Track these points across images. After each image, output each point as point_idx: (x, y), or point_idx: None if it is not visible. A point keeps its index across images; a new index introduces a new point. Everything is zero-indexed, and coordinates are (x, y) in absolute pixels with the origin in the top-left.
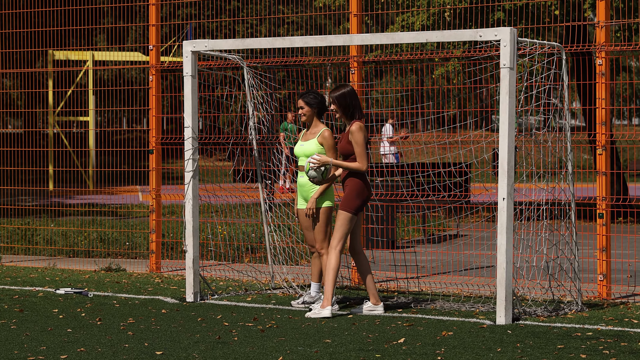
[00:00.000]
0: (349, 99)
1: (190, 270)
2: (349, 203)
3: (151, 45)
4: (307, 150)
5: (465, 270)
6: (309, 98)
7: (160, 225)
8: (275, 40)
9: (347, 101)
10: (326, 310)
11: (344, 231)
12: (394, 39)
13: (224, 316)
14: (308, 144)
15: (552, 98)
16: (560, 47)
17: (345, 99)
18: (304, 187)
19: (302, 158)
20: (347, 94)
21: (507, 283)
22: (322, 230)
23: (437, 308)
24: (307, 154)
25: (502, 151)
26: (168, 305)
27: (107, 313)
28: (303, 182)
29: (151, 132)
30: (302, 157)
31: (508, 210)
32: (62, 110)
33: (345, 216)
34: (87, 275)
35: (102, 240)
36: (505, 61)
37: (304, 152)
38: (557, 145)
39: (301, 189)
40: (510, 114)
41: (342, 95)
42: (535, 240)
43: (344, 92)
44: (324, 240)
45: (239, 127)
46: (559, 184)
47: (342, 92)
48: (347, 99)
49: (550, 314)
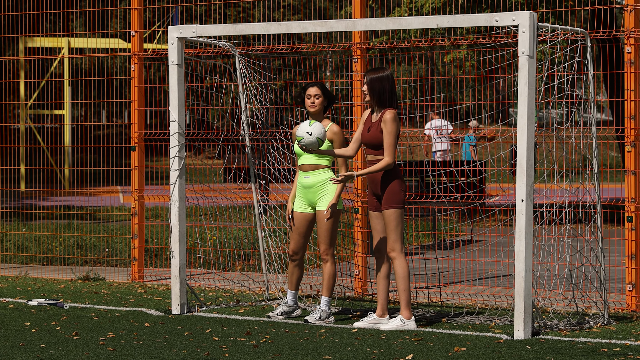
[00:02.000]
0: (387, 85)
1: (176, 280)
2: (394, 198)
3: (133, 31)
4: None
5: (480, 279)
6: (324, 87)
7: (143, 229)
8: (270, 25)
9: (384, 85)
10: (412, 322)
11: (400, 230)
12: (400, 24)
13: (214, 330)
14: None
15: (575, 89)
16: (584, 33)
17: (382, 83)
18: (309, 190)
19: (304, 156)
20: (384, 78)
21: (526, 294)
22: (328, 235)
23: (448, 321)
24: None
25: (520, 148)
26: (152, 318)
27: (84, 327)
28: (309, 184)
29: (133, 127)
30: (305, 155)
31: (527, 213)
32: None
33: (397, 213)
34: (63, 284)
35: (79, 246)
36: (524, 49)
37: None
38: (581, 141)
39: (306, 191)
40: (529, 107)
41: (379, 79)
42: (557, 247)
43: (382, 76)
44: (330, 246)
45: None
46: (583, 184)
47: (380, 75)
48: (383, 82)
49: (574, 327)
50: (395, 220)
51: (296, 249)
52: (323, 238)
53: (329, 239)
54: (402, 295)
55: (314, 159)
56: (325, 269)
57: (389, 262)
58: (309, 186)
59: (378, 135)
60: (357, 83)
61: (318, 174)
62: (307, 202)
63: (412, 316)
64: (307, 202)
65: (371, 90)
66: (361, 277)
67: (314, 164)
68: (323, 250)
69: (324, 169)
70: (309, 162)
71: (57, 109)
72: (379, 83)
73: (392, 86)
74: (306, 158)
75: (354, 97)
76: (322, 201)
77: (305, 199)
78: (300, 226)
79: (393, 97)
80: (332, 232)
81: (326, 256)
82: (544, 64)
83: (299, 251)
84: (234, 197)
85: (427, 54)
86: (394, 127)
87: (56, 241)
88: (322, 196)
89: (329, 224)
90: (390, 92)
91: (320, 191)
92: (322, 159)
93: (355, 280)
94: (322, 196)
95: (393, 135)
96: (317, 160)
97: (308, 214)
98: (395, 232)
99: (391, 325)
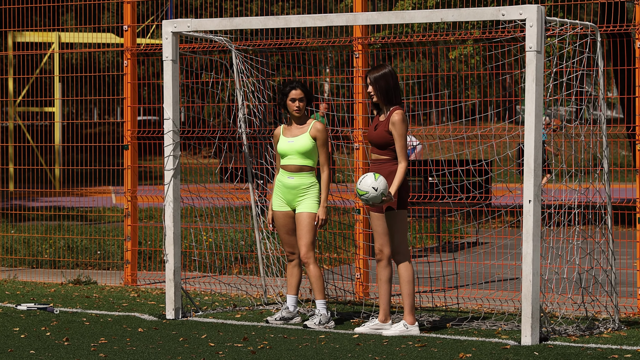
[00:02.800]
0: (391, 81)
1: (170, 283)
2: (398, 198)
3: (126, 25)
4: (299, 147)
5: (486, 283)
6: (305, 87)
7: (136, 231)
8: (268, 19)
9: (389, 83)
10: (415, 328)
11: (405, 232)
12: (404, 18)
13: (210, 335)
14: (299, 139)
15: (585, 86)
16: (594, 28)
17: (386, 80)
18: (291, 191)
19: (290, 157)
20: (388, 75)
21: (533, 298)
22: (308, 237)
23: (453, 326)
24: (300, 152)
25: (527, 147)
26: (145, 323)
27: (75, 332)
28: (293, 185)
29: (126, 125)
30: (290, 156)
31: (535, 215)
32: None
33: (402, 214)
34: (53, 288)
35: (69, 248)
36: (532, 43)
37: (296, 149)
38: (590, 139)
39: (287, 191)
40: (537, 104)
41: (384, 76)
42: (566, 249)
43: (385, 73)
44: (311, 249)
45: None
46: (593, 184)
47: (383, 72)
48: (388, 79)
49: (584, 333)
50: (400, 222)
51: (290, 247)
52: (303, 241)
53: (309, 241)
54: (406, 300)
55: (299, 160)
56: (310, 272)
57: (390, 265)
58: (291, 187)
59: (385, 135)
60: (358, 79)
61: (302, 177)
62: (286, 201)
63: (415, 322)
64: (286, 201)
65: (378, 90)
66: (362, 280)
67: (298, 165)
68: (304, 253)
69: (308, 172)
70: (294, 163)
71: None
72: (384, 81)
73: (395, 81)
74: (291, 158)
75: (355, 94)
76: (302, 204)
77: (285, 199)
78: (284, 224)
79: (397, 92)
80: (312, 234)
81: (307, 259)
82: (552, 59)
83: (294, 249)
84: (230, 197)
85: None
86: (404, 129)
87: (46, 243)
88: (302, 199)
89: (308, 226)
90: (395, 88)
91: (301, 194)
92: (307, 160)
93: (357, 283)
94: (302, 199)
95: (404, 137)
96: (302, 161)
97: (288, 212)
98: (399, 234)
99: (394, 331)
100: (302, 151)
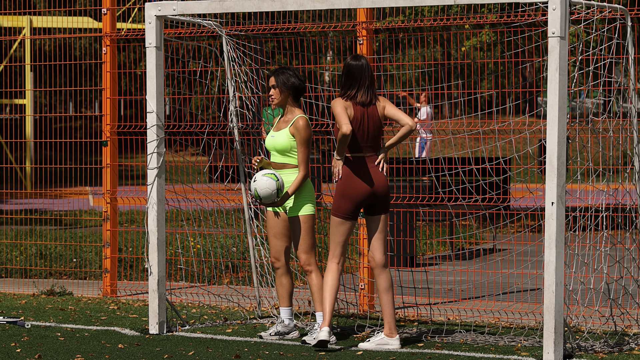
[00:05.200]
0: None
1: (154, 295)
2: (334, 204)
3: (104, 8)
4: (277, 143)
5: (504, 294)
6: (279, 75)
7: (116, 237)
8: (262, 2)
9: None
10: (395, 341)
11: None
12: (413, 1)
13: (197, 352)
14: (279, 135)
15: (613, 75)
16: (624, 11)
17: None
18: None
19: (273, 154)
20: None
21: (557, 310)
22: (307, 243)
23: (468, 342)
24: (277, 149)
25: (550, 143)
26: (126, 338)
27: (48, 348)
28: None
29: (104, 118)
30: (272, 152)
31: (558, 218)
32: None
33: (332, 221)
34: (24, 300)
35: (42, 256)
36: (555, 29)
37: (274, 146)
38: (620, 135)
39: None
40: (561, 96)
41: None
42: (593, 256)
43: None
44: (311, 255)
45: (216, 112)
46: (622, 184)
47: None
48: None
49: (612, 349)
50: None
51: (276, 253)
52: (301, 246)
53: (308, 246)
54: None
55: (278, 157)
56: (312, 282)
57: (387, 272)
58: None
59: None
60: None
61: (286, 174)
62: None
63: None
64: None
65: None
66: (367, 291)
67: (280, 163)
68: (304, 260)
69: (291, 169)
70: (275, 160)
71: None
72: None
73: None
74: (275, 156)
75: None
76: (293, 207)
77: None
78: (274, 226)
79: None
80: (310, 238)
81: (309, 267)
82: (577, 46)
83: (280, 256)
84: (220, 199)
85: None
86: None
87: (16, 250)
88: (292, 201)
89: (305, 229)
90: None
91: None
92: (287, 158)
93: (361, 295)
94: (292, 201)
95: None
96: (282, 159)
97: (280, 214)
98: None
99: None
100: (279, 148)
